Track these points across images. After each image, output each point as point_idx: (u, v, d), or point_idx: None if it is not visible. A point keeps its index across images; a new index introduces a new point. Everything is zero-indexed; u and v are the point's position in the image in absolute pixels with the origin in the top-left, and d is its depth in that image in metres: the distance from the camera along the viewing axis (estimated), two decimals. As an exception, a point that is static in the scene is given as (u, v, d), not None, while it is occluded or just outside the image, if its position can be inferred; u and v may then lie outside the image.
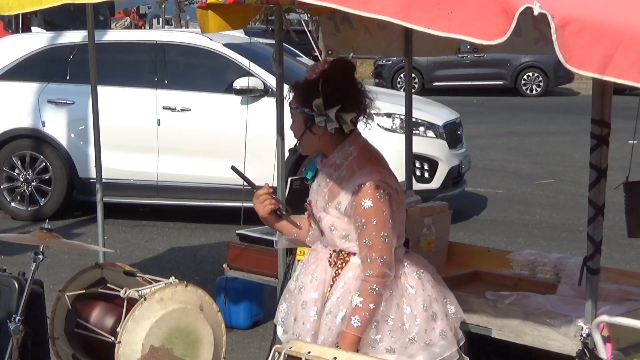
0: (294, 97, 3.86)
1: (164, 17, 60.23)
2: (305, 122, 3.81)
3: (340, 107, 3.75)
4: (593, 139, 3.71)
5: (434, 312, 3.89)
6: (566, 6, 2.85)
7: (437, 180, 10.26)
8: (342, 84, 3.80)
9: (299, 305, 3.92)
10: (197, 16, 5.31)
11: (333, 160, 3.84)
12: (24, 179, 10.60)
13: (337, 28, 5.76)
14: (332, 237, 3.85)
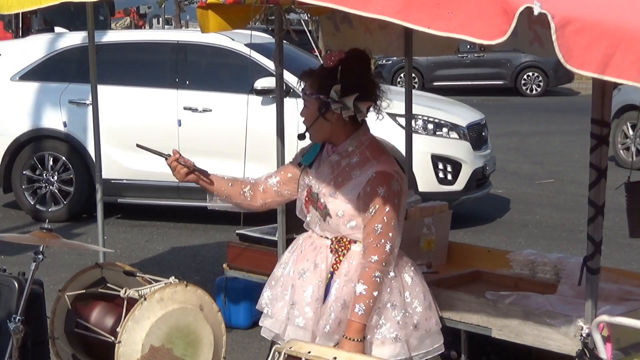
0: (308, 84, 3.90)
1: (164, 17, 60.21)
2: (319, 108, 3.84)
3: (357, 96, 3.80)
4: (593, 139, 3.71)
5: (430, 302, 4.02)
6: (566, 6, 2.84)
7: (461, 182, 10.09)
8: (360, 72, 3.87)
9: (298, 290, 3.94)
10: (197, 16, 5.31)
11: (345, 147, 3.88)
12: (45, 180, 10.52)
13: (337, 28, 5.76)
14: (338, 222, 3.88)
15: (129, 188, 10.30)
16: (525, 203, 11.60)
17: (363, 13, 2.97)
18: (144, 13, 56.93)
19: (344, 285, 3.86)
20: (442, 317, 4.40)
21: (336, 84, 3.79)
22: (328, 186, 3.88)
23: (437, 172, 9.95)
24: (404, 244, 5.24)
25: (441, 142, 10.10)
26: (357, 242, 3.89)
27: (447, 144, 10.08)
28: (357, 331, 3.76)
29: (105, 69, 10.60)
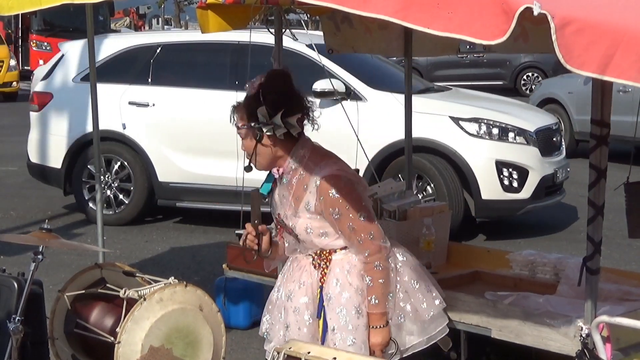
0: (238, 117, 3.97)
1: (164, 17, 60.23)
2: (254, 136, 3.90)
3: (284, 111, 3.84)
4: (593, 139, 3.71)
5: (427, 285, 4.10)
6: (566, 6, 2.84)
7: (527, 190, 9.57)
8: (281, 89, 3.91)
9: (289, 312, 3.99)
10: (197, 16, 5.31)
11: (289, 166, 3.94)
12: (105, 183, 10.32)
13: (338, 27, 5.76)
14: (310, 238, 3.94)
15: (188, 192, 10.08)
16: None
17: (362, 13, 2.97)
18: (143, 13, 56.97)
19: (340, 295, 3.90)
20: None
21: (260, 107, 3.85)
22: (290, 208, 3.95)
23: (501, 179, 9.48)
24: (404, 245, 5.25)
25: (506, 147, 9.61)
26: (337, 251, 3.95)
27: (512, 150, 9.60)
28: (378, 319, 3.89)
29: (164, 70, 10.53)
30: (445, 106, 9.76)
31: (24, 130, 18.44)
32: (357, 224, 3.83)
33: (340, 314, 3.88)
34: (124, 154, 10.29)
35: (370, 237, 3.85)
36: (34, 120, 10.96)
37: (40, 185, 12.60)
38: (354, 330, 3.87)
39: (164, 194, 10.22)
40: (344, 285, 3.90)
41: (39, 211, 10.82)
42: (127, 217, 10.32)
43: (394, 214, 5.35)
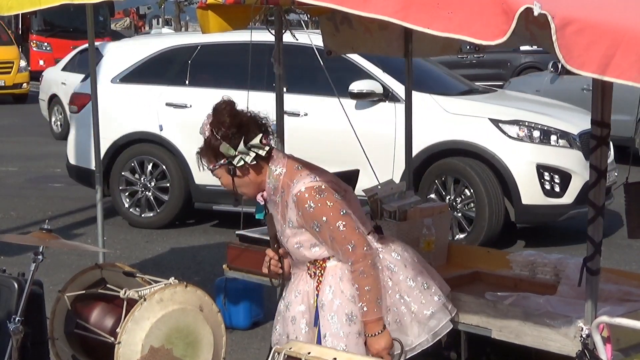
0: (206, 161, 3.99)
1: (164, 18, 60.24)
2: (228, 172, 3.94)
3: (244, 139, 3.88)
4: (593, 139, 3.71)
5: (424, 282, 4.05)
6: (566, 6, 2.84)
7: (570, 194, 9.16)
8: (231, 120, 3.93)
9: (288, 322, 4.01)
10: (197, 16, 5.31)
11: (270, 188, 3.97)
12: (142, 185, 10.18)
13: (337, 28, 5.76)
14: (302, 253, 3.96)
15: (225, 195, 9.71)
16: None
17: (362, 13, 2.97)
18: (143, 14, 56.99)
19: (332, 302, 3.90)
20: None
21: (220, 144, 3.88)
22: (280, 227, 3.99)
23: (542, 184, 9.13)
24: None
25: (548, 150, 9.23)
26: (330, 259, 3.95)
27: (554, 153, 9.20)
28: (374, 326, 3.85)
29: (202, 71, 10.36)
30: (485, 108, 9.48)
31: (24, 131, 18.53)
32: (336, 235, 3.82)
33: (332, 320, 3.88)
34: (160, 155, 10.12)
35: (350, 247, 3.82)
36: (73, 122, 10.84)
37: (40, 186, 12.62)
38: (345, 337, 3.86)
39: (201, 197, 10.05)
40: (335, 293, 3.90)
41: (39, 211, 10.82)
42: (164, 219, 10.13)
43: (394, 214, 5.34)
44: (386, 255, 4.01)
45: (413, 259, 4.11)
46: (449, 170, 9.25)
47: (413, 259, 4.10)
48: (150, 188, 10.18)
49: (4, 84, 24.30)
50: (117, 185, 10.26)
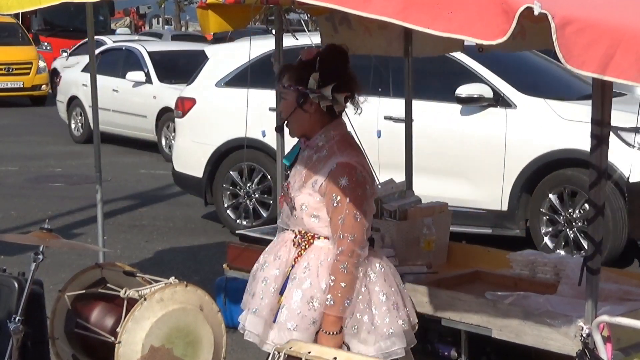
0: (287, 77, 3.94)
1: (164, 17, 60.26)
2: (297, 99, 3.88)
3: (335, 85, 3.84)
4: (593, 139, 3.71)
5: (395, 303, 3.93)
6: (566, 6, 2.84)
7: None
8: (338, 64, 3.92)
9: (259, 281, 3.98)
10: (198, 16, 5.33)
11: (315, 142, 3.92)
12: (245, 193, 9.70)
13: (335, 29, 5.75)
14: (302, 215, 3.91)
15: None
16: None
17: (363, 13, 2.97)
18: (143, 13, 57.05)
19: (304, 279, 3.86)
20: (440, 318, 4.38)
21: (313, 73, 3.84)
22: (299, 180, 3.93)
23: None
24: (404, 244, 5.27)
25: None
26: (320, 238, 3.91)
27: None
28: (331, 323, 3.77)
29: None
30: None
31: (24, 131, 18.53)
32: (348, 221, 3.77)
33: (295, 295, 3.84)
34: (263, 162, 9.63)
35: (350, 238, 3.77)
36: (179, 127, 10.46)
37: (40, 185, 12.61)
38: (300, 318, 3.81)
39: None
40: (311, 273, 3.85)
41: (39, 211, 10.81)
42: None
43: (394, 213, 5.35)
44: (370, 264, 3.93)
45: (394, 278, 4.01)
46: (565, 181, 8.31)
47: (394, 279, 4.00)
48: (253, 197, 9.71)
49: (22, 86, 23.26)
50: (220, 193, 9.84)
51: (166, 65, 15.91)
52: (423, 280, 4.83)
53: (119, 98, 16.02)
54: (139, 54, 16.22)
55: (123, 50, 16.97)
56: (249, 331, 3.96)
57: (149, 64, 15.79)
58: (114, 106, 16.06)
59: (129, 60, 16.33)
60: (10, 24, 24.45)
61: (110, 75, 16.18)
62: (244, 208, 9.73)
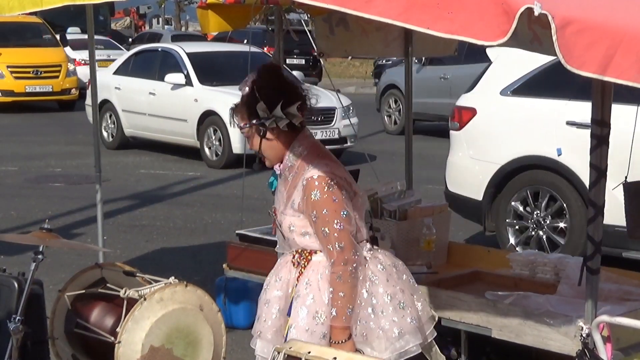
0: (239, 118, 3.95)
1: (164, 17, 60.28)
2: (258, 133, 3.90)
3: (282, 102, 3.84)
4: (593, 139, 3.71)
5: (401, 301, 3.91)
6: (566, 7, 2.84)
7: None
8: (274, 81, 3.91)
9: (262, 304, 4.00)
10: (198, 16, 5.33)
11: (286, 163, 3.93)
12: (534, 221, 8.26)
13: (332, 30, 5.74)
14: (292, 236, 3.92)
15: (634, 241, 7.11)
16: (525, 203, 11.56)
17: (365, 15, 2.96)
18: (143, 13, 57.07)
19: (306, 296, 3.86)
20: (440, 318, 4.38)
21: (258, 103, 3.84)
22: (282, 204, 3.94)
23: None
24: (404, 244, 5.27)
25: None
26: (317, 253, 3.90)
27: None
28: (339, 333, 3.77)
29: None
30: None
31: (24, 131, 18.53)
32: (330, 231, 3.77)
33: (301, 313, 3.85)
34: (558, 186, 8.08)
35: (338, 247, 3.76)
36: (454, 141, 8.94)
37: (40, 185, 12.62)
38: (310, 334, 3.81)
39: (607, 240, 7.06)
40: (312, 288, 3.86)
41: (39, 211, 10.81)
42: None
43: (394, 213, 5.35)
44: (371, 265, 3.92)
45: (400, 276, 3.98)
46: None
47: (400, 276, 3.98)
48: (543, 226, 8.23)
49: (52, 90, 22.03)
50: (503, 218, 8.41)
51: (206, 67, 15.21)
52: (423, 280, 4.83)
53: (156, 101, 15.32)
54: (177, 55, 15.45)
55: (159, 51, 16.34)
56: (259, 356, 3.96)
57: (188, 66, 14.99)
58: (150, 110, 15.42)
59: (166, 61, 15.57)
60: (35, 24, 23.51)
61: (145, 78, 15.63)
62: (533, 238, 8.27)
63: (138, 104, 15.78)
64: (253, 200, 10.38)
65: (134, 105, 15.88)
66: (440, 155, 10.72)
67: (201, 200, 11.68)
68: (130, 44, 34.43)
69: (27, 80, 21.73)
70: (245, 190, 9.37)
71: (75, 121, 19.44)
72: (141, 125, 15.70)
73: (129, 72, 16.27)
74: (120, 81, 16.29)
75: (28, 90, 21.74)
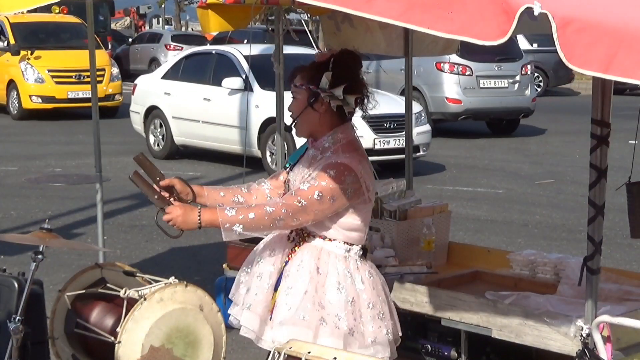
0: (299, 77, 3.95)
1: (164, 17, 60.28)
2: (309, 98, 3.89)
3: (346, 86, 3.85)
4: (593, 139, 3.71)
5: (381, 312, 3.93)
6: (566, 6, 2.84)
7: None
8: (351, 65, 3.93)
9: (253, 277, 4.00)
10: (198, 16, 5.34)
11: (322, 143, 3.93)
12: None
13: (338, 27, 5.77)
14: None
15: None
16: (525, 203, 11.60)
17: (366, 14, 2.96)
18: (143, 13, 57.07)
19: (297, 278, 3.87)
20: (440, 318, 4.37)
21: (326, 72, 3.85)
22: (300, 179, 3.92)
23: None
24: (404, 244, 5.27)
25: None
26: (316, 237, 3.91)
27: None
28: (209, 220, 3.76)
29: None
30: None
31: (24, 131, 18.52)
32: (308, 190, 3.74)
33: (290, 291, 3.86)
34: None
35: (299, 202, 3.74)
36: None
37: (41, 185, 12.62)
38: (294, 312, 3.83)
39: None
40: (304, 271, 3.86)
41: (39, 211, 10.82)
42: None
43: (394, 213, 5.35)
44: (361, 270, 3.94)
45: (383, 287, 4.02)
46: None
47: (382, 288, 4.02)
48: None
49: None
50: None
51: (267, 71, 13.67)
52: (423, 280, 4.83)
53: (212, 108, 14.22)
54: (234, 58, 14.36)
55: (213, 54, 15.14)
56: (245, 327, 3.98)
57: (246, 69, 13.68)
58: (205, 117, 14.29)
59: (222, 65, 14.46)
60: (74, 25, 22.23)
61: (198, 82, 14.60)
62: None
63: (191, 110, 14.59)
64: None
65: (186, 112, 14.71)
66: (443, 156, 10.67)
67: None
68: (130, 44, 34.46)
69: (69, 85, 20.18)
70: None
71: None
72: (194, 134, 14.55)
73: (180, 77, 15.06)
74: (170, 86, 15.04)
75: (70, 97, 20.18)
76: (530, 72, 18.87)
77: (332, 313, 3.83)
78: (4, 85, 20.58)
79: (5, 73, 20.68)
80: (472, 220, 10.52)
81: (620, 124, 7.52)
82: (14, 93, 20.43)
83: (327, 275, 3.87)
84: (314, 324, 3.83)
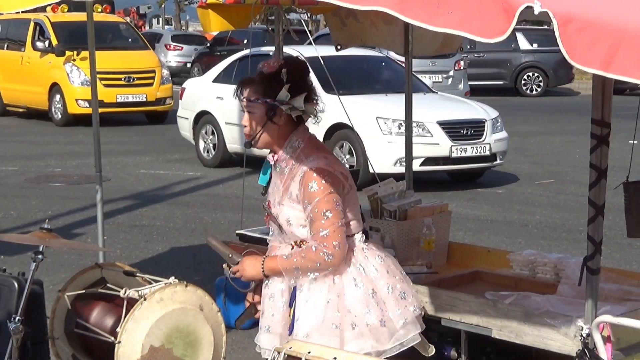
0: (251, 91, 3.91)
1: (164, 17, 60.29)
2: (266, 112, 3.87)
3: (306, 95, 3.87)
4: (593, 139, 3.71)
5: (402, 292, 3.95)
6: (565, 5, 2.84)
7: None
8: (305, 74, 3.94)
9: (265, 299, 3.98)
10: (198, 16, 5.34)
11: (284, 155, 3.93)
12: None
13: (344, 23, 5.79)
14: (291, 229, 3.91)
15: None
16: (525, 203, 11.59)
17: (360, 7, 2.95)
18: (143, 13, 57.09)
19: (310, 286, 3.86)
20: (440, 318, 4.38)
21: (281, 87, 3.83)
22: (277, 196, 3.94)
23: None
24: (404, 244, 5.27)
25: None
26: None
27: None
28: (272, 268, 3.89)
29: None
30: None
31: (24, 131, 18.51)
32: (317, 219, 3.78)
33: (307, 304, 3.85)
34: None
35: (323, 235, 3.77)
36: None
37: (40, 185, 12.61)
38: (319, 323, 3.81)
39: None
40: (316, 278, 3.85)
41: (39, 211, 10.81)
42: None
43: (394, 213, 5.35)
44: (371, 258, 3.94)
45: (395, 266, 4.03)
46: None
47: (395, 266, 4.02)
48: None
49: (145, 99, 19.06)
50: None
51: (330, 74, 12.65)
52: (423, 280, 4.83)
53: None
54: None
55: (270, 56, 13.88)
56: (266, 349, 3.95)
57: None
58: None
59: None
60: (119, 24, 21.21)
61: None
62: None
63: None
64: (253, 200, 10.35)
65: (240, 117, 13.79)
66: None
67: (201, 200, 11.67)
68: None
69: (118, 88, 18.79)
70: (245, 190, 9.35)
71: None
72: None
73: (233, 80, 13.41)
74: (222, 90, 13.77)
75: (120, 100, 18.85)
76: (463, 67, 20.42)
77: (360, 313, 3.85)
78: (46, 90, 19.15)
79: (47, 76, 19.21)
80: (472, 220, 10.52)
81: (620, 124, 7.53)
82: (57, 97, 19.03)
83: (342, 275, 3.88)
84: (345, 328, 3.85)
